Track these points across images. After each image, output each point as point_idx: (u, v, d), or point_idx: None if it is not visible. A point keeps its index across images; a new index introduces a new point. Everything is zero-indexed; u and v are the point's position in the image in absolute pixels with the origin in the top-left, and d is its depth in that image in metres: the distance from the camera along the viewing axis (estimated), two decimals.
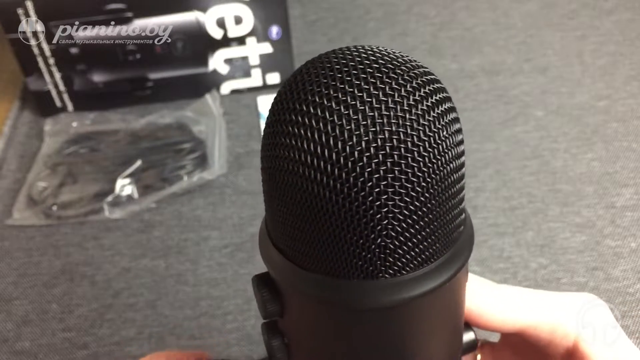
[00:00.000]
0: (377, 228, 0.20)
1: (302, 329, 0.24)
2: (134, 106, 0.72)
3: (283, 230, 0.22)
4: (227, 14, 0.68)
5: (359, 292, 0.21)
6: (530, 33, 0.78)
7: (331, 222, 0.20)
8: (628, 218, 0.57)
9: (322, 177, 0.19)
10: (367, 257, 0.20)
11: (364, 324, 0.22)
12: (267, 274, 0.25)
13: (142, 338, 0.52)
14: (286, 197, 0.21)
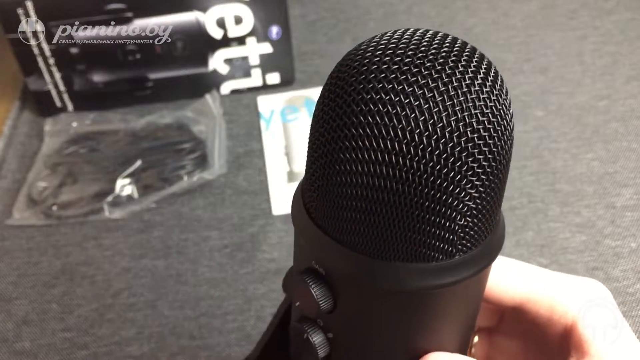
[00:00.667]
0: (461, 207, 0.20)
1: (357, 320, 0.24)
2: (134, 106, 0.72)
3: (351, 221, 0.21)
4: (227, 14, 0.68)
5: (438, 274, 0.21)
6: (530, 33, 0.78)
7: (417, 206, 0.20)
8: (628, 218, 0.57)
9: (411, 160, 0.19)
10: (449, 238, 0.21)
11: (428, 305, 0.23)
12: (312, 269, 0.23)
13: (142, 338, 0.52)
14: (366, 188, 0.20)
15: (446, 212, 0.20)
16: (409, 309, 0.23)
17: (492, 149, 0.20)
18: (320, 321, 0.24)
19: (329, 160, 0.21)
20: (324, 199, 0.22)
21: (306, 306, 0.24)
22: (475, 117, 0.19)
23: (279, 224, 0.60)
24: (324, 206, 0.22)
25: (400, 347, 0.24)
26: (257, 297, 0.54)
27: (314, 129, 0.22)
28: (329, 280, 0.23)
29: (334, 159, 0.20)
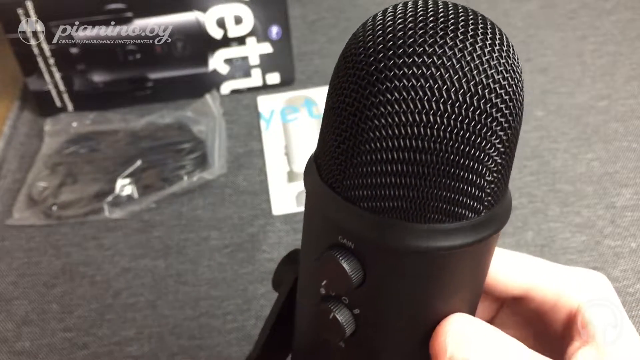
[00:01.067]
0: (489, 163, 0.21)
1: (386, 290, 0.24)
2: (134, 106, 0.72)
3: (384, 187, 0.21)
4: (227, 14, 0.68)
5: (468, 232, 0.22)
6: (530, 33, 0.78)
7: (450, 163, 0.21)
8: (628, 218, 0.57)
9: (444, 117, 0.20)
10: (478, 195, 0.22)
11: (454, 265, 0.23)
12: (339, 244, 0.23)
13: (142, 338, 0.52)
14: (401, 150, 0.21)
15: (477, 167, 0.21)
16: (437, 272, 0.23)
17: (510, 101, 0.21)
18: (345, 298, 0.24)
19: (360, 128, 0.21)
20: (353, 169, 0.22)
21: (335, 283, 0.24)
22: (494, 69, 0.21)
23: (279, 224, 0.60)
24: (353, 176, 0.22)
25: (426, 313, 0.25)
26: (257, 297, 0.54)
27: (338, 99, 0.22)
28: (358, 253, 0.23)
29: (367, 127, 0.21)
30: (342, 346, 0.26)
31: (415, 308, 0.24)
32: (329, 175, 0.23)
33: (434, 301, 0.24)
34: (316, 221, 0.25)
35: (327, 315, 0.24)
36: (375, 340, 0.25)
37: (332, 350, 0.26)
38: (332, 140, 0.23)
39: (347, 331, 0.24)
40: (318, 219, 0.25)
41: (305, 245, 0.27)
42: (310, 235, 0.26)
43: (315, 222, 0.25)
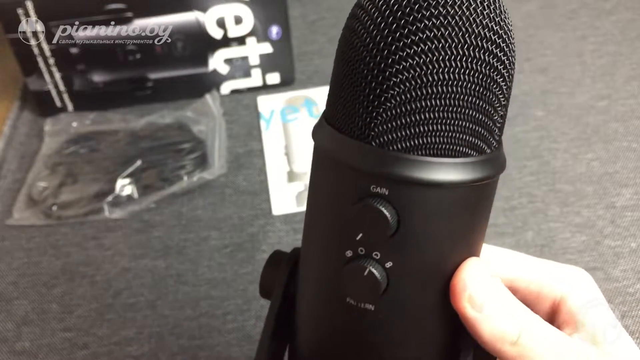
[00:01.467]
0: (499, 94, 0.24)
1: (418, 236, 0.25)
2: (134, 106, 0.72)
3: (417, 124, 0.23)
4: (227, 14, 0.68)
5: (489, 165, 0.25)
6: (530, 33, 0.78)
7: (473, 93, 0.24)
8: (628, 218, 0.57)
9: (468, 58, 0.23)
10: (492, 129, 0.25)
11: (477, 200, 0.26)
12: (373, 193, 0.24)
13: (142, 338, 0.52)
14: (431, 85, 0.23)
15: (491, 98, 0.24)
16: (462, 206, 0.25)
17: (503, 42, 0.24)
18: (376, 253, 0.25)
19: (391, 71, 0.23)
20: (386, 113, 0.23)
21: (374, 234, 0.24)
22: (490, 19, 0.23)
23: (279, 224, 0.60)
24: (385, 121, 0.23)
25: (450, 255, 0.26)
26: (257, 297, 0.54)
27: (363, 49, 0.23)
28: (393, 198, 0.24)
29: (398, 68, 0.23)
30: (372, 309, 0.26)
31: (442, 249, 0.25)
32: (354, 127, 0.24)
33: (459, 240, 0.26)
34: (340, 179, 0.25)
35: (360, 273, 0.25)
36: (405, 295, 0.26)
37: (357, 322, 0.26)
38: (357, 92, 0.24)
39: (383, 286, 0.25)
40: (342, 177, 0.25)
41: (319, 213, 0.27)
42: (329, 200, 0.26)
43: (337, 182, 0.25)
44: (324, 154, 0.26)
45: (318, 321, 0.29)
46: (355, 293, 0.26)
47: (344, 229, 0.25)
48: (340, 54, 0.25)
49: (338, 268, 0.25)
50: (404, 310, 0.26)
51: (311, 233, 0.28)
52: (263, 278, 0.32)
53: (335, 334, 0.28)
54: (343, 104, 0.25)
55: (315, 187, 0.27)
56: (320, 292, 0.28)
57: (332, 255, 0.26)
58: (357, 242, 0.25)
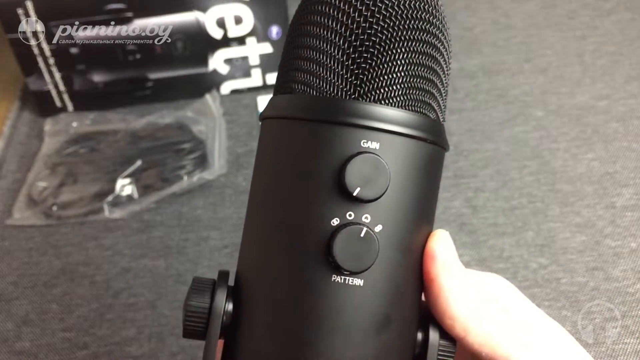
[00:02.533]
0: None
1: (404, 193, 0.26)
2: (134, 106, 0.72)
3: (413, 78, 0.26)
4: (227, 14, 0.68)
5: (440, 131, 0.28)
6: (530, 33, 0.78)
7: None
8: (628, 218, 0.57)
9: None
10: (443, 103, 0.29)
11: (440, 162, 0.28)
12: (364, 150, 0.25)
13: (142, 338, 0.52)
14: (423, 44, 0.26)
15: (434, 65, 0.27)
16: (433, 167, 0.27)
17: (435, 27, 0.27)
18: (366, 216, 0.25)
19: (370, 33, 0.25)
20: (385, 66, 0.25)
21: (370, 189, 0.24)
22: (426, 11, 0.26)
23: None
24: (377, 78, 0.25)
25: (424, 221, 0.27)
26: None
27: (342, 24, 0.25)
28: (383, 153, 0.25)
29: (375, 30, 0.25)
30: (360, 284, 0.25)
31: (419, 210, 0.26)
32: (335, 89, 0.25)
33: (428, 201, 0.27)
34: (322, 143, 0.25)
35: (355, 236, 0.24)
36: (391, 264, 0.25)
37: (343, 304, 0.25)
38: (340, 55, 0.25)
39: (378, 248, 0.24)
40: (325, 139, 0.25)
41: (286, 192, 0.26)
42: (304, 170, 0.25)
43: (318, 147, 0.25)
44: (294, 123, 0.26)
45: (291, 321, 0.25)
46: (349, 263, 0.24)
47: (331, 195, 0.24)
48: (304, 31, 0.27)
49: (323, 241, 0.24)
50: (390, 280, 0.25)
51: (275, 220, 0.26)
52: (189, 313, 0.26)
53: (314, 326, 0.25)
54: (316, 72, 0.26)
55: (277, 165, 0.26)
56: (295, 284, 0.25)
57: (314, 229, 0.25)
58: (346, 207, 0.24)
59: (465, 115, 0.68)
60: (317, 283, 0.25)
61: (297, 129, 0.26)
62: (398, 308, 0.26)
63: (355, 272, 0.25)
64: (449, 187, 0.61)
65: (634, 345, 0.49)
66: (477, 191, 0.61)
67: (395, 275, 0.26)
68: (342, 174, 0.24)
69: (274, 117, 0.28)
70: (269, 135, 0.28)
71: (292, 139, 0.26)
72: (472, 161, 0.63)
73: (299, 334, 0.25)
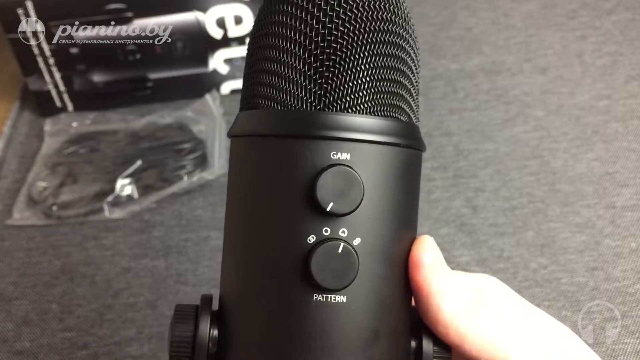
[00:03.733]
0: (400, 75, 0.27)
1: (380, 204, 0.25)
2: (134, 106, 0.72)
3: (386, 84, 0.25)
4: (227, 14, 0.68)
5: (419, 136, 0.28)
6: (530, 33, 0.78)
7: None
8: (628, 218, 0.57)
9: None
10: (414, 104, 0.29)
11: (418, 167, 0.28)
12: (334, 163, 0.24)
13: (142, 338, 0.52)
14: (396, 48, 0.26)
15: (402, 67, 0.27)
16: (409, 172, 0.26)
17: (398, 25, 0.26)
18: (343, 230, 0.24)
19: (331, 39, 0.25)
20: (355, 73, 0.24)
21: (343, 203, 0.24)
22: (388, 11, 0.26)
23: None
24: (353, 80, 0.24)
25: (405, 227, 0.26)
26: None
27: (304, 25, 0.25)
28: (354, 163, 0.24)
29: (334, 37, 0.25)
30: (343, 301, 0.24)
31: (398, 218, 0.26)
32: (300, 101, 0.25)
33: (407, 208, 0.26)
34: (290, 158, 0.24)
35: (333, 252, 0.24)
36: (373, 275, 0.25)
37: (327, 323, 0.24)
38: (302, 66, 0.24)
39: (357, 265, 0.24)
40: (294, 153, 0.24)
41: (259, 210, 0.25)
42: (275, 187, 0.25)
43: (287, 162, 0.24)
44: (261, 140, 0.25)
45: (276, 344, 0.25)
46: (329, 281, 0.24)
47: (304, 212, 0.24)
48: (265, 43, 0.26)
49: (301, 260, 0.24)
50: (373, 293, 0.25)
51: (250, 241, 0.25)
52: (174, 344, 0.26)
53: (301, 348, 0.24)
54: (279, 85, 0.25)
55: (246, 184, 0.26)
56: (276, 306, 0.25)
57: (290, 249, 0.24)
58: (320, 223, 0.24)
59: (465, 115, 0.68)
60: (298, 303, 0.24)
61: (264, 146, 0.25)
62: (386, 321, 0.25)
63: (336, 289, 0.24)
64: (448, 187, 0.61)
65: (634, 345, 0.49)
66: (477, 191, 0.61)
67: (379, 287, 0.25)
68: (313, 190, 0.24)
69: (239, 135, 0.27)
70: (237, 154, 0.27)
71: (259, 157, 0.26)
72: (472, 161, 0.63)
73: (284, 357, 0.24)
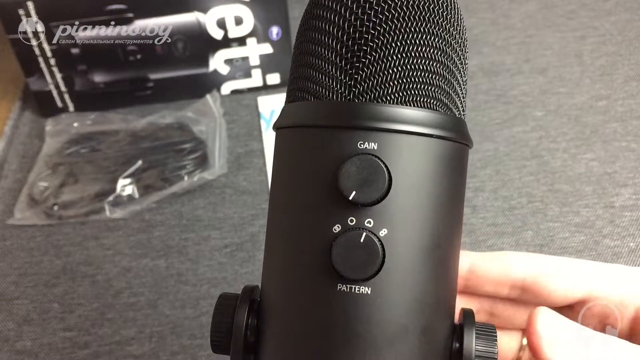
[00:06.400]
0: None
1: (411, 195, 0.24)
2: (135, 106, 0.73)
3: (423, 73, 0.25)
4: (227, 15, 0.68)
5: (464, 126, 0.28)
6: (529, 33, 0.78)
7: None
8: (627, 218, 0.58)
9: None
10: (460, 99, 0.29)
11: (463, 159, 0.28)
12: (362, 151, 0.24)
13: (143, 337, 0.52)
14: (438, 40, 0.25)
15: (446, 60, 0.26)
16: (446, 166, 0.25)
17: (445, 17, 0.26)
18: (369, 221, 0.24)
19: (363, 30, 0.24)
20: (364, 67, 0.24)
21: (367, 192, 0.23)
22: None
23: None
24: (365, 76, 0.24)
25: (442, 221, 0.25)
26: None
27: (336, 16, 0.25)
28: (382, 153, 0.24)
29: (367, 28, 0.25)
30: (368, 292, 0.24)
31: (432, 211, 0.25)
32: (332, 92, 0.25)
33: (444, 202, 0.25)
34: (321, 148, 0.24)
35: (356, 242, 0.23)
36: (401, 268, 0.24)
37: (352, 314, 0.24)
38: (334, 56, 0.25)
39: (380, 256, 0.23)
40: (324, 143, 0.24)
41: (292, 201, 0.26)
42: (306, 177, 0.25)
43: (317, 152, 0.25)
44: (296, 131, 0.26)
45: (303, 333, 0.25)
46: (350, 271, 0.24)
47: (331, 201, 0.24)
48: (305, 37, 0.26)
49: (326, 249, 0.24)
50: (402, 287, 0.24)
51: (283, 230, 0.26)
52: (215, 329, 0.27)
53: (326, 338, 0.24)
54: (314, 78, 0.25)
55: (284, 173, 0.26)
56: (303, 294, 0.25)
57: (317, 238, 0.24)
58: (346, 212, 0.24)
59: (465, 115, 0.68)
60: (323, 293, 0.24)
61: (297, 137, 0.26)
62: (417, 318, 0.25)
63: (358, 279, 0.24)
64: None
65: None
66: (477, 191, 0.61)
67: (409, 282, 0.24)
68: (339, 178, 0.23)
69: (277, 127, 0.27)
70: (276, 146, 0.27)
71: (292, 148, 0.26)
72: (472, 161, 0.64)
73: (312, 347, 0.25)
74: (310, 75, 0.26)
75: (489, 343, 0.26)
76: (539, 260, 0.30)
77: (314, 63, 0.26)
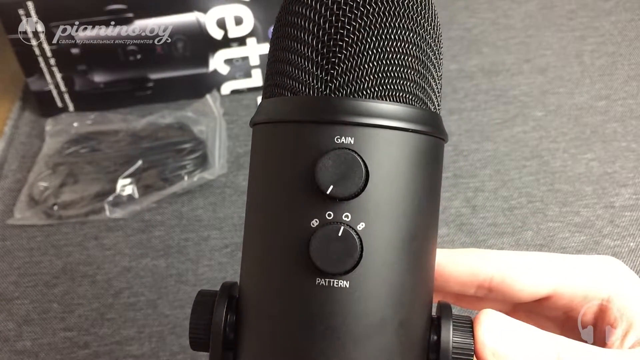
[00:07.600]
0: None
1: (388, 190, 0.25)
2: (135, 106, 0.73)
3: (399, 69, 0.25)
4: (227, 15, 0.68)
5: (439, 121, 0.28)
6: (529, 33, 0.78)
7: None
8: (627, 218, 0.58)
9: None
10: (435, 93, 0.29)
11: (438, 154, 0.27)
12: (338, 147, 0.24)
13: (143, 337, 0.52)
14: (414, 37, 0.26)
15: (421, 55, 0.26)
16: (423, 159, 0.26)
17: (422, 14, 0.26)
18: (347, 215, 0.24)
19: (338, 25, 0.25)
20: (340, 62, 0.25)
21: (345, 186, 0.24)
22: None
23: None
24: (347, 72, 0.24)
25: (420, 215, 0.26)
26: None
27: (312, 13, 0.25)
28: (358, 148, 0.24)
29: (342, 23, 0.25)
30: (346, 286, 0.24)
31: (410, 206, 0.25)
32: (309, 87, 0.25)
33: (421, 196, 0.26)
34: (297, 143, 0.25)
35: (333, 236, 0.24)
36: (380, 262, 0.24)
37: (329, 308, 0.24)
38: (310, 51, 0.25)
39: (359, 250, 0.24)
40: (300, 138, 0.25)
41: (268, 194, 0.26)
42: (283, 171, 0.25)
43: (294, 147, 0.25)
44: (273, 126, 0.26)
45: (282, 327, 0.25)
46: (329, 265, 0.24)
47: (309, 196, 0.24)
48: (281, 33, 0.27)
49: (304, 244, 0.24)
50: (380, 280, 0.25)
51: (261, 226, 0.26)
52: (194, 327, 0.27)
53: (305, 332, 0.25)
54: (290, 73, 0.25)
55: (261, 168, 0.26)
56: (282, 289, 0.25)
57: (295, 233, 0.24)
58: (324, 206, 0.24)
59: (465, 115, 0.68)
60: (302, 287, 0.24)
61: (273, 132, 0.26)
62: (394, 310, 0.25)
63: (336, 273, 0.24)
64: (448, 187, 0.61)
65: None
66: (477, 191, 0.61)
67: (386, 276, 0.25)
68: (316, 173, 0.24)
69: (256, 123, 0.27)
70: (253, 142, 0.28)
71: (269, 144, 0.26)
72: (472, 161, 0.64)
73: (291, 341, 0.25)
74: (286, 70, 0.26)
75: (465, 335, 0.26)
76: (504, 258, 0.30)
77: (290, 59, 0.26)
